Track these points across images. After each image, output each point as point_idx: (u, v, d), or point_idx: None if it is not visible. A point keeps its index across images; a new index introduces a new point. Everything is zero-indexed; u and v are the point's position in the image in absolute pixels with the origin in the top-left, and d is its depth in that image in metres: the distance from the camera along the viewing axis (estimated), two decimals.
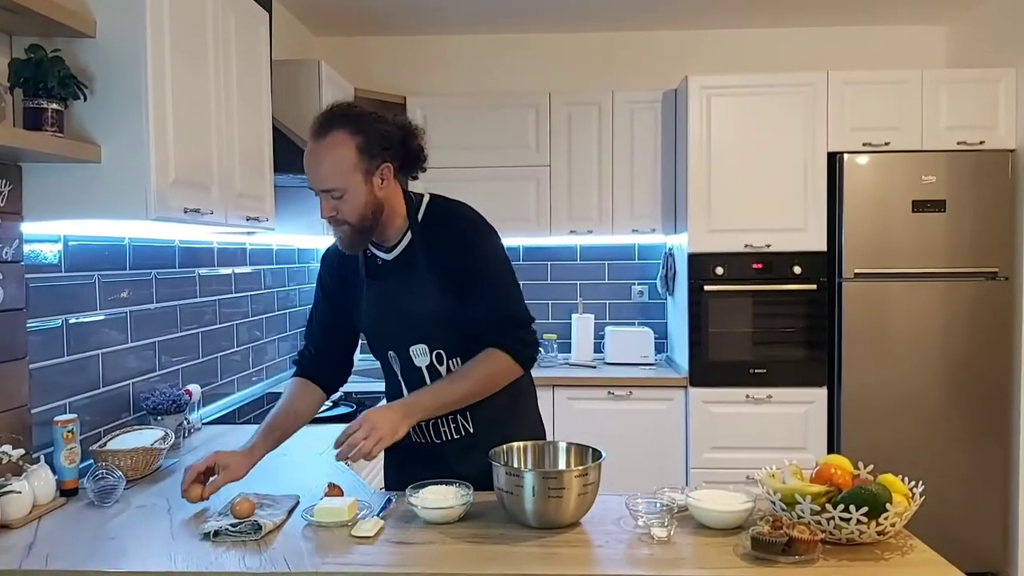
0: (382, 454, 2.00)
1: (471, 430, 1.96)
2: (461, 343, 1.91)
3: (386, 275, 1.94)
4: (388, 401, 2.10)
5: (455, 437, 1.96)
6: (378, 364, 2.10)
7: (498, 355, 1.87)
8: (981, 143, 3.76)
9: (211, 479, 1.83)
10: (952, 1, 4.02)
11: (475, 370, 1.87)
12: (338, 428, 2.74)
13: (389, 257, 1.94)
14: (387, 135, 1.81)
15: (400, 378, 1.99)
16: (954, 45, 4.35)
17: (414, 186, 2.04)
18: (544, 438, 2.05)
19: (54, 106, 1.84)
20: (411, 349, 1.94)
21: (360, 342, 2.13)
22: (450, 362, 1.93)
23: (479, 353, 1.88)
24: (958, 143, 3.77)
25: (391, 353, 1.98)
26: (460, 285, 1.87)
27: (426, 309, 1.89)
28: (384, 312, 1.95)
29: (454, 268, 1.87)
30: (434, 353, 1.93)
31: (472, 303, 1.87)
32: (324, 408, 3.03)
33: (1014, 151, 3.74)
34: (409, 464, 1.98)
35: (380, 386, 3.71)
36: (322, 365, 2.08)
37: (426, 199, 1.96)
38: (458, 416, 1.94)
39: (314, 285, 2.14)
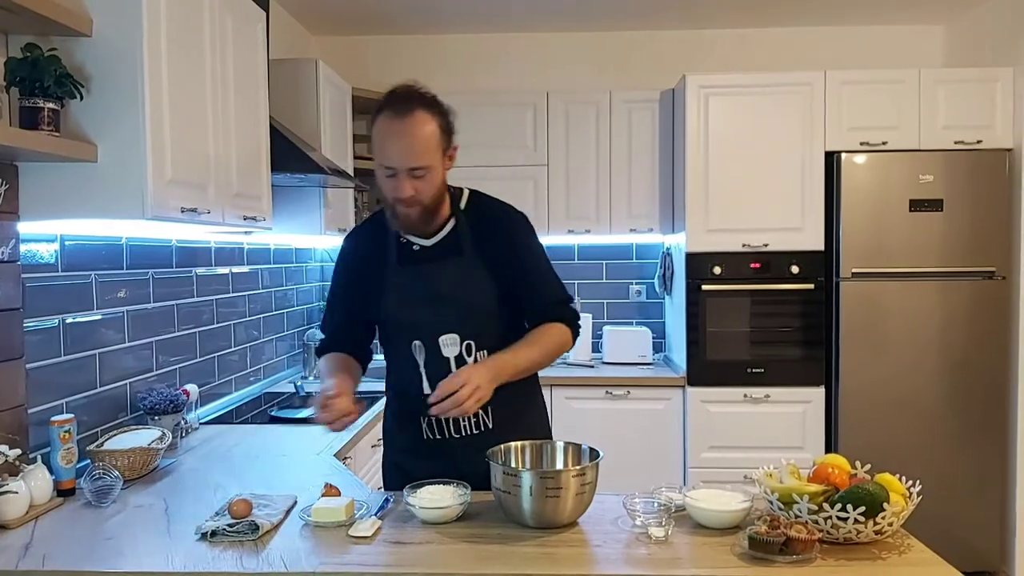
0: (378, 451, 1.99)
1: (489, 425, 1.94)
2: (494, 334, 1.94)
3: (423, 261, 1.94)
4: (394, 396, 2.07)
5: (473, 432, 1.95)
6: (373, 366, 2.09)
7: (558, 326, 1.97)
8: (978, 142, 3.77)
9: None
10: (950, 1, 4.03)
11: (543, 338, 1.95)
12: None
13: (429, 243, 1.95)
14: (453, 119, 1.90)
15: (422, 370, 1.94)
16: (952, 44, 4.35)
17: None
18: (551, 438, 2.04)
19: (50, 105, 1.84)
20: (441, 339, 1.91)
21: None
22: (478, 354, 1.92)
23: (537, 327, 1.96)
24: (955, 142, 3.77)
25: (416, 343, 1.94)
26: (514, 273, 1.94)
27: (469, 295, 1.91)
28: (417, 298, 1.93)
29: (509, 257, 1.95)
30: (464, 344, 1.92)
31: (528, 289, 1.97)
32: None
33: (1011, 150, 3.74)
34: (413, 463, 1.96)
35: (375, 386, 3.70)
36: (345, 349, 2.08)
37: (466, 191, 2.02)
38: (479, 410, 1.90)
39: (308, 284, 2.14)
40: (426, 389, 1.90)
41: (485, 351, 1.92)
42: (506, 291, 1.95)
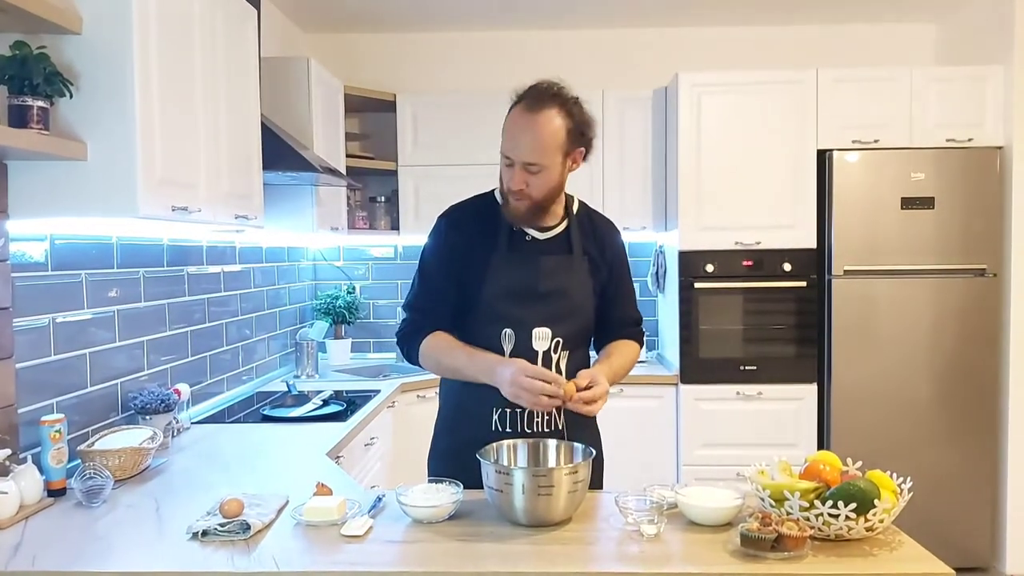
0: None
1: (560, 427, 1.93)
2: (580, 336, 1.99)
3: (533, 251, 1.96)
4: (464, 385, 1.96)
5: (544, 430, 1.94)
6: (366, 365, 2.08)
7: (635, 346, 2.09)
8: (969, 140, 3.78)
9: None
10: None
11: (629, 353, 2.05)
12: (328, 427, 2.76)
13: (542, 237, 1.97)
14: (588, 123, 1.90)
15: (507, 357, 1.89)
16: (943, 43, 4.37)
17: (407, 179, 2.02)
18: (601, 449, 2.06)
19: (39, 103, 1.83)
20: (535, 330, 1.90)
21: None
22: (562, 353, 1.93)
23: (614, 342, 2.05)
24: (947, 140, 3.78)
25: (508, 331, 1.88)
26: (610, 283, 2.02)
27: (573, 292, 1.96)
28: (521, 287, 1.93)
29: (608, 267, 2.02)
30: (554, 341, 1.92)
31: (616, 301, 2.05)
32: (315, 407, 3.05)
33: (1002, 148, 3.76)
34: (472, 454, 1.77)
35: (373, 385, 3.71)
36: (442, 327, 1.98)
37: (576, 199, 2.07)
38: (554, 411, 1.90)
39: (301, 283, 2.11)
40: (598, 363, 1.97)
41: (567, 352, 1.94)
42: (599, 298, 2.02)
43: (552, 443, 1.84)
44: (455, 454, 1.96)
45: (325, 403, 3.09)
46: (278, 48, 3.96)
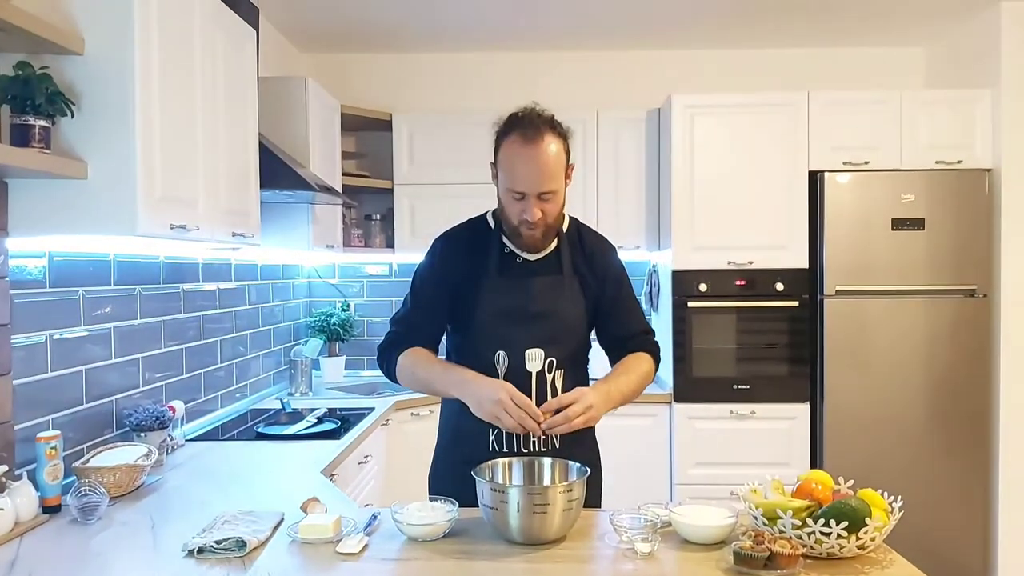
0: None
1: (557, 446, 1.94)
2: (574, 355, 2.00)
3: (524, 274, 1.98)
4: (462, 405, 1.94)
5: (540, 450, 1.94)
6: (360, 383, 2.08)
7: (647, 358, 2.07)
8: (959, 162, 3.82)
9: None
10: (929, 24, 4.10)
11: (639, 368, 2.02)
12: (323, 445, 2.76)
13: (532, 258, 1.99)
14: (570, 138, 1.97)
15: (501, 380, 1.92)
16: (932, 67, 4.43)
17: (402, 198, 2.04)
18: (600, 466, 2.09)
19: (41, 123, 1.85)
20: (527, 352, 1.93)
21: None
22: (556, 373, 1.95)
23: (625, 357, 2.04)
24: (936, 162, 3.83)
25: (501, 353, 1.93)
26: (606, 299, 2.03)
27: (563, 311, 1.96)
28: (512, 309, 1.95)
29: (603, 283, 2.03)
30: (547, 361, 1.94)
31: (619, 316, 2.06)
32: (309, 425, 3.05)
33: (991, 170, 3.80)
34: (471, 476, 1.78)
35: (367, 403, 3.70)
36: (417, 342, 2.02)
37: (567, 216, 2.07)
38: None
39: (295, 300, 2.11)
40: (599, 382, 1.95)
41: (563, 371, 1.95)
42: (595, 316, 2.03)
43: (547, 461, 1.85)
44: (454, 474, 1.96)
45: (319, 421, 3.09)
46: (276, 68, 3.99)
